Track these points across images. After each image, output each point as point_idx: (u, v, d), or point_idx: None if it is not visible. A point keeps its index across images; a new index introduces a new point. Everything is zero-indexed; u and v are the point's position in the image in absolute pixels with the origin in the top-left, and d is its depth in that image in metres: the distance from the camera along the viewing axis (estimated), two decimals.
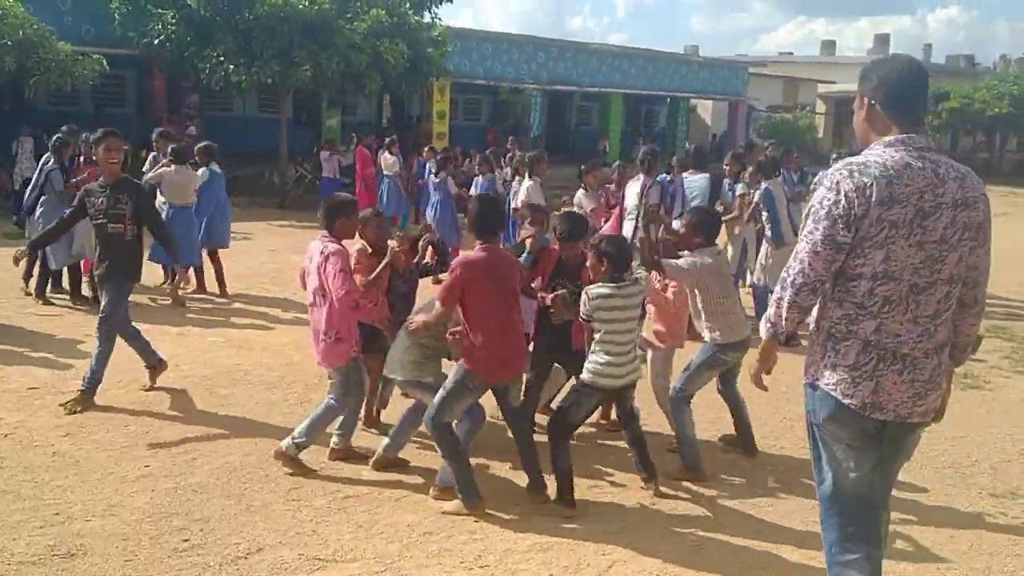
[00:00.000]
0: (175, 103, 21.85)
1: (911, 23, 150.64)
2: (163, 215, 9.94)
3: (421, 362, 5.34)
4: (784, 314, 3.21)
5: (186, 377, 7.25)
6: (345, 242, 5.49)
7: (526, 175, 10.46)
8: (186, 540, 4.53)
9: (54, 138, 9.85)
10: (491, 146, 19.42)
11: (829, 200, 3.08)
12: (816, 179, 11.84)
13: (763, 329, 3.34)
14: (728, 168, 10.78)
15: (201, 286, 10.49)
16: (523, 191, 10.16)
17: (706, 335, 5.62)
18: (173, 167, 10.00)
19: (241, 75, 17.61)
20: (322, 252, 5.30)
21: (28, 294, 9.81)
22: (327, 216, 5.48)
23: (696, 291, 5.59)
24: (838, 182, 3.08)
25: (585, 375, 5.13)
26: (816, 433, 3.31)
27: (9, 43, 15.22)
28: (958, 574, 4.52)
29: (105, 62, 16.83)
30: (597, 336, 5.08)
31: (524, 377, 5.51)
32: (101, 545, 4.44)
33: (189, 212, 10.14)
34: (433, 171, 13.44)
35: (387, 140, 16.75)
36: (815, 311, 3.26)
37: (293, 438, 5.42)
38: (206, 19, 17.41)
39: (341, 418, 5.66)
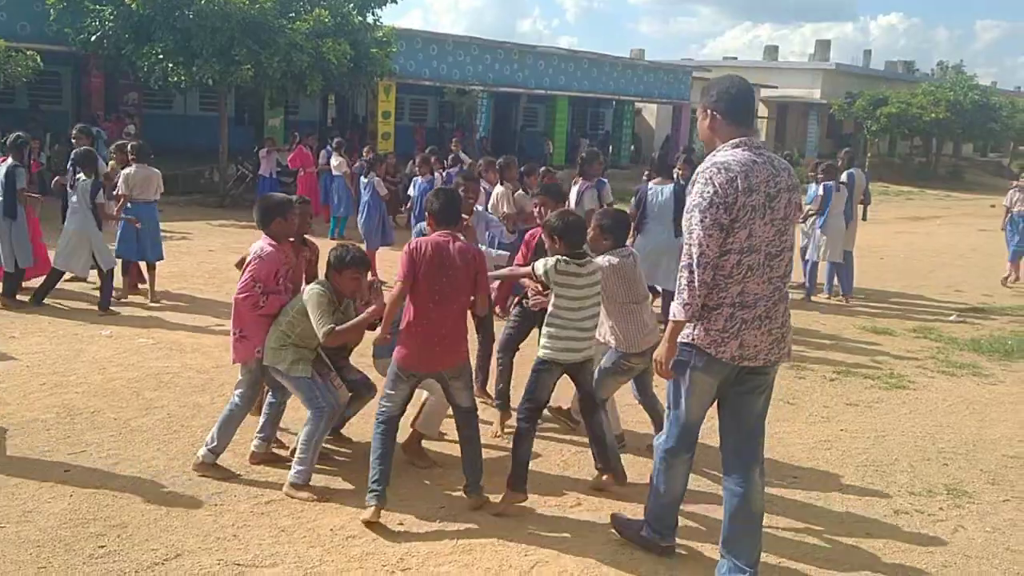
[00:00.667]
0: (113, 100, 21.46)
1: (853, 29, 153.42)
2: (121, 213, 9.87)
3: (277, 349, 5.30)
4: (696, 291, 3.91)
5: (112, 380, 7.12)
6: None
7: (497, 181, 10.34)
8: (102, 547, 4.45)
9: (13, 136, 9.68)
10: (420, 145, 19.35)
11: (709, 192, 3.88)
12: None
13: (679, 312, 3.97)
14: (681, 172, 10.90)
15: (134, 286, 10.33)
16: (494, 196, 10.07)
17: (610, 340, 5.59)
18: (134, 166, 9.89)
19: (180, 74, 17.34)
20: (256, 252, 5.37)
21: None
22: (262, 218, 5.45)
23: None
24: (711, 177, 3.89)
25: (541, 351, 5.16)
26: (686, 379, 4.13)
27: None
28: (872, 572, 4.62)
29: (40, 59, 16.50)
30: (553, 311, 5.09)
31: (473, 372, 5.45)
32: (14, 552, 4.35)
33: (153, 208, 10.10)
34: (363, 172, 13.39)
35: (335, 141, 16.61)
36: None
37: (207, 445, 5.40)
38: (145, 17, 17.13)
39: (261, 421, 5.63)
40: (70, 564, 4.28)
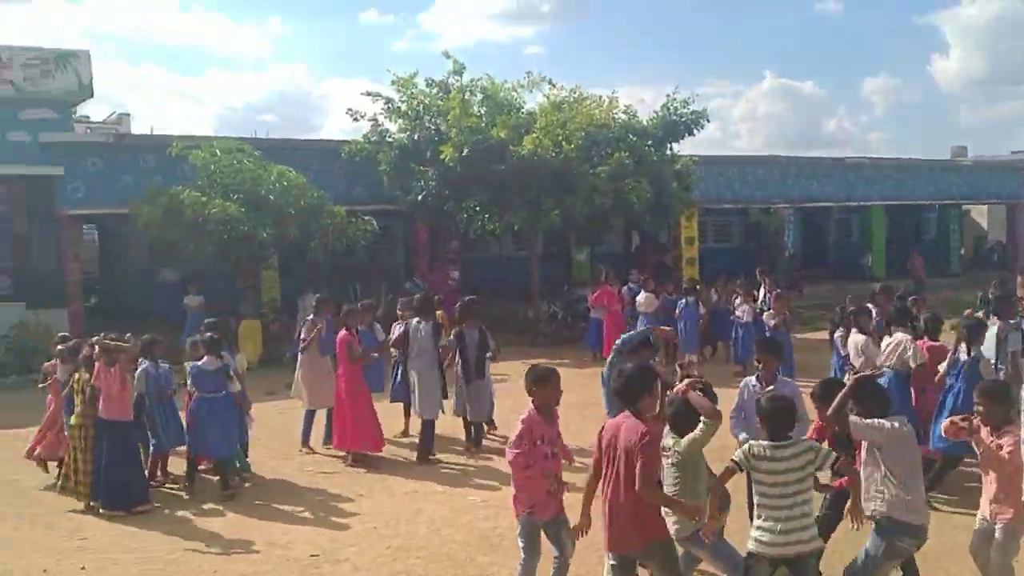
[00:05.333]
0: (439, 249, 23.30)
1: None
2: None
3: None
4: None
5: (447, 543, 7.45)
6: None
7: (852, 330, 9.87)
8: None
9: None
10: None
11: None
12: None
13: None
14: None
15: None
16: (851, 346, 9.73)
17: (877, 509, 5.15)
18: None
19: (495, 223, 18.65)
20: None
21: (309, 451, 10.56)
22: (533, 385, 5.82)
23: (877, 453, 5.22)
24: None
25: (749, 543, 4.94)
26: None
27: (293, 211, 17.03)
28: None
29: (375, 222, 18.40)
30: (756, 498, 4.94)
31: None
32: None
33: None
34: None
35: (642, 279, 17.25)
36: None
37: None
38: (463, 175, 18.62)
39: None
40: None
